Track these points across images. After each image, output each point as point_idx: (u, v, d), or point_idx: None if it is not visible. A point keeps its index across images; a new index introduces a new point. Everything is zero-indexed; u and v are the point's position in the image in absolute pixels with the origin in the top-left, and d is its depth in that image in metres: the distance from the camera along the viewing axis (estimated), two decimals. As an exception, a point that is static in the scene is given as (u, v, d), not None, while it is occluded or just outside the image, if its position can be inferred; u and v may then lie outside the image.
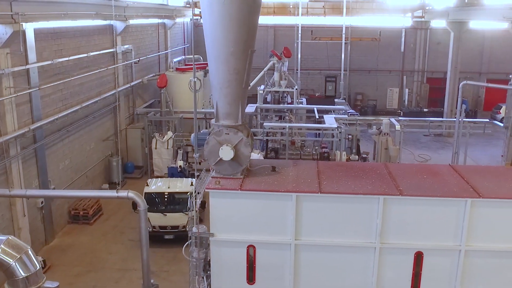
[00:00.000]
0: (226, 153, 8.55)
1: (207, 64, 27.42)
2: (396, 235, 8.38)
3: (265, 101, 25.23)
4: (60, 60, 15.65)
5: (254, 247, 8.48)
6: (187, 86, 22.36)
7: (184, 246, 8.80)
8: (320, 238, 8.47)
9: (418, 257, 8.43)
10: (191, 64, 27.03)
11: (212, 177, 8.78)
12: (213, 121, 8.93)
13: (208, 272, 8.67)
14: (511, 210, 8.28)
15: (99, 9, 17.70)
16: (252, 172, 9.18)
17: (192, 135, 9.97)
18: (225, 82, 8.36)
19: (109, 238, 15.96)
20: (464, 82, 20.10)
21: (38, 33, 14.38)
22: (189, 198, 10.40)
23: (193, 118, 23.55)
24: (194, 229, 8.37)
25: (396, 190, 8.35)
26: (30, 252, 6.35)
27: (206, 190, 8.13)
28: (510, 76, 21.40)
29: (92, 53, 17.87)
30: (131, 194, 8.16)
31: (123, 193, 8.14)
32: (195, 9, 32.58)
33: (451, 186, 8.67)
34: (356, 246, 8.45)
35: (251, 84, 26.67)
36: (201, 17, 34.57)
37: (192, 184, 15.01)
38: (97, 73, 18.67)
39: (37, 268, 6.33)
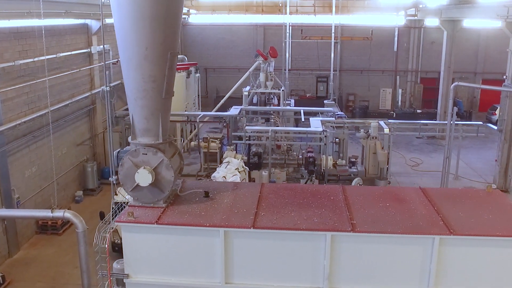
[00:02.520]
0: (143, 177, 7.25)
1: (190, 64, 26.11)
2: (348, 279, 7.00)
3: (251, 103, 24.33)
4: (24, 61, 14.71)
5: None
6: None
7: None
8: (256, 281, 7.08)
9: (376, 306, 6.99)
10: (177, 64, 26.23)
11: (129, 205, 7.61)
12: (129, 138, 7.61)
13: None
14: (489, 249, 6.87)
15: (69, 7, 16.75)
16: (180, 198, 7.85)
17: (114, 153, 8.82)
18: (139, 92, 7.06)
19: (77, 250, 14.92)
20: (456, 83, 19.23)
21: (-2, 32, 13.47)
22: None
23: (177, 121, 22.95)
24: (115, 265, 7.35)
25: (348, 224, 6.96)
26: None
27: (116, 223, 7.09)
28: (505, 76, 20.49)
29: (62, 54, 16.93)
30: (67, 214, 7.20)
31: (58, 213, 7.18)
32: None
33: (417, 217, 7.28)
34: (300, 293, 6.97)
35: (235, 86, 26.14)
36: (188, 16, 33.56)
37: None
38: (69, 75, 17.74)
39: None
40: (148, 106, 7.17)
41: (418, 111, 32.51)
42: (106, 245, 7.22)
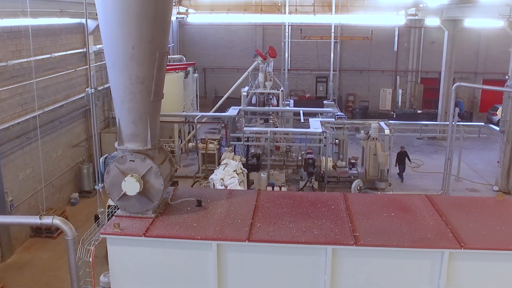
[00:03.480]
0: (130, 186, 6.79)
1: (188, 64, 25.58)
2: None
3: (250, 104, 24.07)
4: (18, 61, 14.42)
5: None
6: (169, 87, 21.05)
7: None
8: None
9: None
10: (175, 64, 25.91)
11: (116, 216, 7.13)
12: (116, 143, 7.19)
13: None
14: (503, 263, 6.38)
15: (65, 6, 16.46)
16: (170, 208, 7.36)
17: (101, 159, 8.43)
18: (126, 95, 6.62)
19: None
20: (457, 84, 18.93)
21: (-10, 32, 13.18)
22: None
23: (174, 122, 22.64)
24: (102, 278, 7.01)
25: (350, 236, 6.48)
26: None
27: (101, 235, 6.75)
28: (507, 77, 20.21)
29: (57, 54, 16.63)
30: (56, 221, 6.90)
31: (47, 220, 6.89)
32: (180, 7, 31.42)
33: (425, 229, 6.78)
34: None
35: (234, 86, 25.85)
36: (187, 15, 33.27)
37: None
38: (64, 75, 17.44)
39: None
40: (135, 109, 6.74)
41: (419, 111, 32.23)
42: (91, 259, 6.88)
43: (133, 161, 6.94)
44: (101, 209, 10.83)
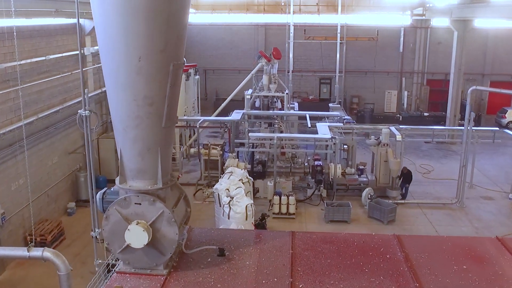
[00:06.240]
0: (136, 236, 5.46)
1: (189, 66, 24.26)
2: None
3: (253, 107, 23.20)
4: (9, 64, 13.51)
5: None
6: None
7: None
8: None
9: None
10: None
11: (117, 272, 5.92)
12: (117, 180, 5.90)
13: None
14: None
15: (60, 5, 15.55)
16: (186, 259, 5.94)
17: (98, 195, 6.64)
18: (131, 120, 5.22)
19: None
20: (473, 87, 18.05)
21: (-21, 33, 12.27)
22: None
23: (175, 127, 21.72)
24: None
25: None
26: None
27: None
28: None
29: (52, 56, 15.73)
30: (47, 253, 5.98)
31: (36, 252, 5.99)
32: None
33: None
34: None
35: (237, 89, 24.94)
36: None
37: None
38: (60, 78, 16.54)
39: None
40: (143, 138, 5.37)
41: (425, 114, 31.40)
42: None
43: (139, 204, 5.61)
44: (99, 261, 9.47)
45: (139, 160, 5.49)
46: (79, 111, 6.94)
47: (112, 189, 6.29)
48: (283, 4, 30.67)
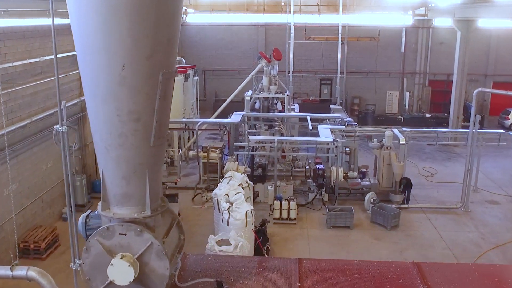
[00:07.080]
0: (121, 272, 4.82)
1: (188, 66, 23.58)
2: None
3: (253, 109, 22.80)
4: (2, 66, 13.08)
5: None
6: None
7: None
8: None
9: None
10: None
11: None
12: (99, 207, 5.22)
13: None
14: None
15: (55, 5, 15.06)
16: None
17: (81, 218, 6.06)
18: (113, 138, 4.60)
19: (61, 279, 13.29)
20: (479, 89, 17.69)
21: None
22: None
23: (174, 129, 21.23)
24: None
25: None
26: None
27: None
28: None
29: (46, 57, 15.29)
30: (32, 273, 5.57)
31: (20, 272, 5.56)
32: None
33: None
34: None
35: (237, 90, 24.50)
36: (186, 15, 31.88)
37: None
38: (54, 80, 16.06)
39: None
40: (127, 159, 4.68)
41: (427, 115, 31.01)
42: None
43: (125, 234, 4.94)
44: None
45: (124, 184, 4.84)
46: (55, 126, 6.11)
47: (96, 212, 5.60)
48: (283, 4, 30.27)
